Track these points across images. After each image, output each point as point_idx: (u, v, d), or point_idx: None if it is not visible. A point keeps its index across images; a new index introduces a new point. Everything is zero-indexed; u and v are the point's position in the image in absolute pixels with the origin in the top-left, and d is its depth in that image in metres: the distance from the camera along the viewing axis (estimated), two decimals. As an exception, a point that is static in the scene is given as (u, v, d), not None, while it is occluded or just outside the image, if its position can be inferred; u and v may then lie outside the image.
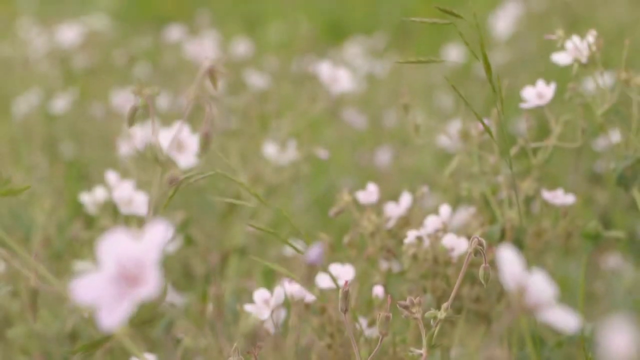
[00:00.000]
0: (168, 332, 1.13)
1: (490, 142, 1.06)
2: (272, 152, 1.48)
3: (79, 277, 0.56)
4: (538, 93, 1.03)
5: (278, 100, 1.71)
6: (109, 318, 0.55)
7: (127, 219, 1.18)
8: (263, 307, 0.88)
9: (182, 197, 1.42)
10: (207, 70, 0.74)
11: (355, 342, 0.84)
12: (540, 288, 0.56)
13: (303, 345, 0.89)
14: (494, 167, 1.08)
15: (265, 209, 1.45)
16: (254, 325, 0.78)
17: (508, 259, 0.56)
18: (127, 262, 0.56)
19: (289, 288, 0.90)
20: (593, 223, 1.07)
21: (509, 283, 0.56)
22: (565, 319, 0.56)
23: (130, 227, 1.16)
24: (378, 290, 0.95)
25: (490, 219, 1.07)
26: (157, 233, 0.56)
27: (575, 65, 1.00)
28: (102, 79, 2.15)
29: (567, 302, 0.61)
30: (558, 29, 1.02)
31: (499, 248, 0.58)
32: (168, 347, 1.10)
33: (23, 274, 0.72)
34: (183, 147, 0.80)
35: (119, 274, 0.56)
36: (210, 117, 0.74)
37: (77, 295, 0.55)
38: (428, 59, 0.93)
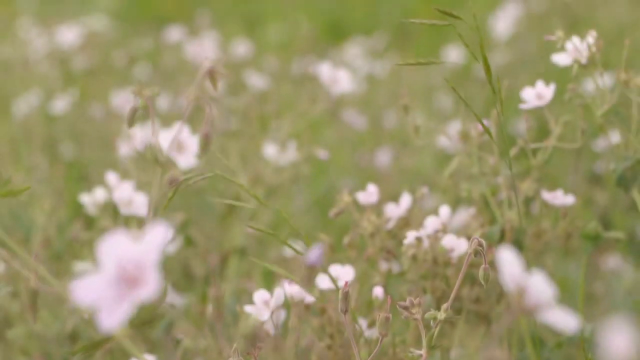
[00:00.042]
0: (168, 333, 1.13)
1: (490, 143, 1.06)
2: (272, 152, 1.48)
3: (79, 278, 0.56)
4: (537, 94, 1.03)
5: (278, 101, 1.71)
6: (109, 319, 0.55)
7: (127, 220, 1.18)
8: (263, 308, 0.88)
9: (182, 198, 1.42)
10: (207, 71, 0.74)
11: (355, 343, 0.84)
12: (540, 289, 0.56)
13: (303, 346, 0.89)
14: (494, 168, 1.08)
15: (265, 210, 1.45)
16: (254, 326, 0.78)
17: (508, 260, 0.56)
18: (127, 263, 0.56)
19: (289, 289, 0.90)
20: (593, 224, 1.07)
21: (509, 284, 0.56)
22: (565, 320, 0.56)
23: (130, 227, 1.16)
24: (378, 291, 0.95)
25: (490, 220, 1.06)
26: (156, 235, 0.56)
27: (575, 66, 1.00)
28: (102, 80, 2.15)
29: (566, 302, 0.61)
30: (558, 30, 1.02)
31: (499, 249, 0.58)
32: (168, 348, 1.10)
33: (23, 275, 0.72)
34: (183, 147, 0.80)
35: (119, 276, 0.56)
36: (210, 117, 0.74)
37: (77, 297, 0.56)
38: (427, 61, 0.93)
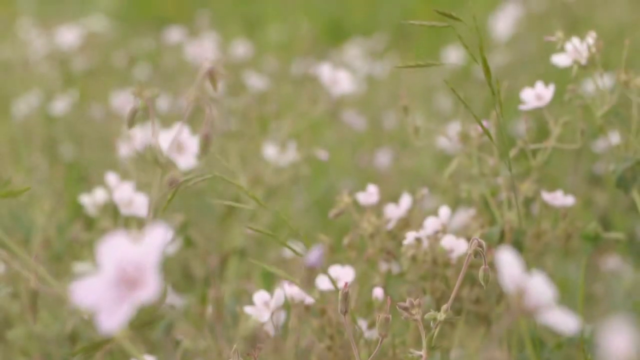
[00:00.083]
0: (168, 334, 1.13)
1: (490, 143, 1.06)
2: (271, 153, 1.48)
3: (79, 280, 0.56)
4: (537, 94, 1.03)
5: (278, 102, 1.71)
6: (109, 321, 0.55)
7: (127, 221, 1.18)
8: (263, 309, 0.88)
9: (181, 199, 1.42)
10: (207, 72, 0.74)
11: (355, 344, 0.84)
12: (540, 290, 0.56)
13: (303, 347, 0.89)
14: (494, 168, 1.08)
15: (265, 211, 1.44)
16: (254, 328, 0.78)
17: (507, 261, 0.56)
18: (126, 265, 0.56)
19: (289, 290, 0.90)
20: (593, 225, 1.07)
21: (509, 285, 0.56)
22: (565, 321, 0.56)
23: (131, 228, 1.16)
24: (378, 292, 0.95)
25: (490, 221, 1.06)
26: (156, 236, 0.56)
27: (575, 67, 1.00)
28: (101, 81, 2.15)
29: (566, 303, 0.61)
30: (557, 31, 1.02)
31: (499, 250, 0.58)
32: (168, 349, 1.10)
33: (23, 276, 0.72)
34: (183, 148, 0.80)
35: (119, 278, 0.56)
36: (210, 118, 0.74)
37: (76, 298, 0.56)
38: (427, 63, 0.93)
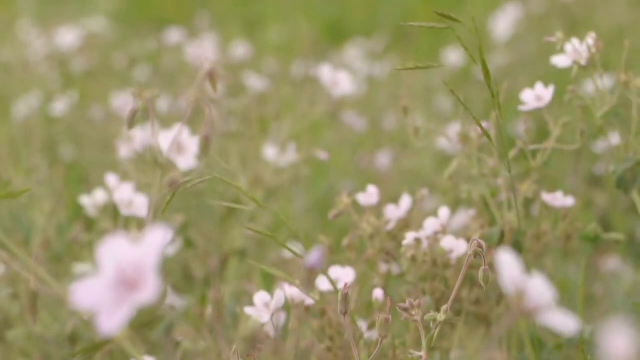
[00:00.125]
0: (168, 334, 1.13)
1: (490, 144, 1.06)
2: (271, 154, 1.48)
3: (79, 281, 0.56)
4: (537, 95, 1.03)
5: (278, 103, 1.71)
6: (108, 323, 0.55)
7: (127, 222, 1.18)
8: (263, 310, 0.88)
9: (181, 199, 1.42)
10: (206, 73, 0.74)
11: (355, 344, 0.84)
12: (540, 291, 0.56)
13: (303, 348, 0.89)
14: (494, 169, 1.08)
15: (265, 212, 1.44)
16: (254, 328, 0.78)
17: (507, 262, 0.56)
18: (126, 267, 0.56)
19: (289, 291, 0.90)
20: (592, 225, 1.07)
21: (508, 286, 0.56)
22: (565, 322, 0.56)
23: (131, 229, 1.16)
24: (377, 293, 0.95)
25: (490, 222, 1.06)
26: (156, 238, 0.56)
27: (575, 68, 1.00)
28: (101, 82, 2.15)
29: (566, 304, 0.61)
30: (557, 31, 1.02)
31: (498, 251, 0.58)
32: (167, 349, 1.10)
33: (23, 277, 0.72)
34: (183, 149, 0.80)
35: (119, 279, 0.56)
36: (210, 119, 0.74)
37: (76, 300, 0.55)
38: (426, 65, 0.93)
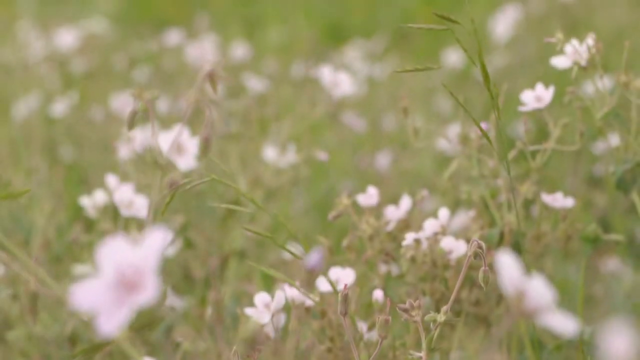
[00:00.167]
0: (167, 335, 1.13)
1: (490, 145, 1.06)
2: (271, 155, 1.48)
3: (79, 282, 0.56)
4: (537, 96, 1.03)
5: (277, 104, 1.71)
6: (108, 324, 0.55)
7: (127, 222, 1.18)
8: (263, 310, 0.88)
9: (181, 200, 1.42)
10: (206, 74, 0.74)
11: (355, 345, 0.84)
12: (540, 292, 0.56)
13: (303, 349, 0.89)
14: (493, 170, 1.08)
15: (265, 212, 1.44)
16: (254, 329, 0.78)
17: (507, 263, 0.56)
18: (126, 268, 0.56)
19: (289, 292, 0.90)
20: (592, 226, 1.07)
21: (508, 287, 0.56)
22: (565, 323, 0.56)
23: (130, 230, 1.16)
24: (377, 294, 0.95)
25: (490, 223, 1.06)
26: (156, 239, 0.56)
27: (575, 69, 1.00)
28: (101, 83, 2.15)
29: (566, 305, 0.61)
30: (557, 32, 1.02)
31: (498, 251, 0.58)
32: (167, 350, 1.10)
33: (23, 277, 0.72)
34: (183, 150, 0.80)
35: (118, 281, 0.56)
36: (210, 120, 0.74)
37: (76, 301, 0.55)
38: (425, 67, 0.93)
